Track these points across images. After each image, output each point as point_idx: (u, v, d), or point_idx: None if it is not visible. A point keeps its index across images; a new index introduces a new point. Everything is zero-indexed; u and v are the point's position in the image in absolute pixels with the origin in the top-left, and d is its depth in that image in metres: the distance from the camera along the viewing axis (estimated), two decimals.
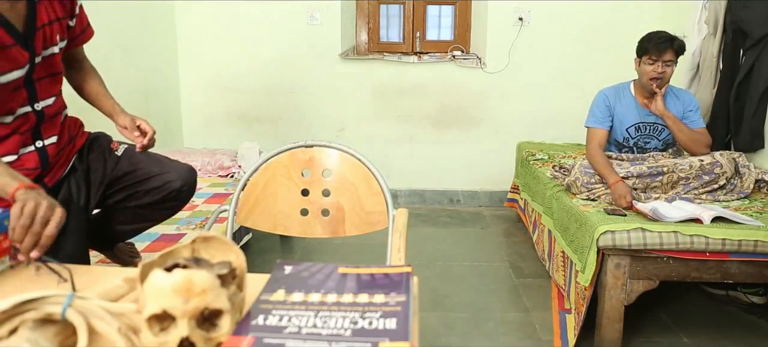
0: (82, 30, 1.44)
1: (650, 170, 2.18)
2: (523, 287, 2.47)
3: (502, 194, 3.64)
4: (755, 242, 1.79)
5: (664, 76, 2.25)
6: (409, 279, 0.72)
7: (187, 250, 0.72)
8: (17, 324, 0.59)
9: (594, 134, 2.37)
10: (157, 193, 1.46)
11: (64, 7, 1.34)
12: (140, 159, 1.48)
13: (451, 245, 3.04)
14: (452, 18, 3.82)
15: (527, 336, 2.05)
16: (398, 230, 1.23)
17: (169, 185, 1.46)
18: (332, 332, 0.59)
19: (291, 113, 3.73)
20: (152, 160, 1.49)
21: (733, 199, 2.17)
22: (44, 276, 0.84)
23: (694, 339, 2.02)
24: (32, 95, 1.28)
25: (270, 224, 1.42)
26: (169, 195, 1.48)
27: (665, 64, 2.23)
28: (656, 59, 2.23)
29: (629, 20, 3.46)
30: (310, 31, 3.58)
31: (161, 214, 1.55)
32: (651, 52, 2.24)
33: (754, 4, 2.39)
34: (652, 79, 2.26)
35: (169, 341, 0.57)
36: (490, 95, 3.65)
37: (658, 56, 2.23)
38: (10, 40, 1.17)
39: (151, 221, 1.57)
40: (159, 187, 1.46)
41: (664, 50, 2.22)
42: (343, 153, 1.42)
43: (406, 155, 3.76)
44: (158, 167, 1.48)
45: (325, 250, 2.91)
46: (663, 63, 2.23)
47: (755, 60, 2.40)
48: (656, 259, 1.85)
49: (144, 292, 0.59)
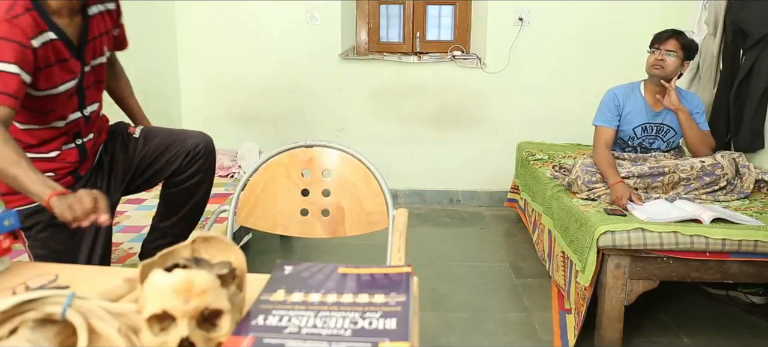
0: (123, 38, 1.62)
1: (651, 170, 2.18)
2: (523, 287, 2.47)
3: (502, 194, 3.64)
4: (755, 242, 1.78)
5: (665, 65, 2.25)
6: (409, 279, 0.72)
7: (187, 250, 0.72)
8: (17, 324, 0.59)
9: (601, 133, 2.37)
10: (177, 159, 1.59)
11: (112, 19, 1.49)
12: (157, 132, 1.62)
13: (451, 245, 3.03)
14: (452, 18, 3.82)
15: (527, 336, 2.05)
16: (398, 230, 1.23)
17: (186, 145, 1.60)
18: (332, 332, 0.59)
19: (291, 113, 3.73)
20: (167, 131, 1.64)
21: (733, 199, 2.17)
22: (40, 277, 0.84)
23: (694, 340, 2.02)
24: (81, 102, 1.43)
25: (270, 225, 1.42)
26: (190, 156, 1.60)
27: (666, 53, 2.24)
28: (658, 48, 2.26)
29: (629, 20, 3.46)
30: (310, 31, 3.58)
31: (191, 184, 1.64)
32: (654, 42, 2.30)
33: (754, 4, 2.39)
34: (652, 66, 2.28)
35: (169, 341, 0.57)
36: (490, 95, 3.64)
37: (659, 45, 2.26)
38: (68, 54, 1.32)
39: (187, 199, 1.66)
40: (178, 152, 1.59)
41: (665, 39, 2.25)
42: (343, 153, 1.42)
43: (406, 155, 3.76)
44: (174, 135, 1.62)
45: (325, 250, 2.91)
46: (664, 51, 2.24)
47: (755, 60, 2.40)
48: (656, 259, 1.85)
49: (144, 292, 0.59)
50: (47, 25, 1.26)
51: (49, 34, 1.27)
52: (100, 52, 1.45)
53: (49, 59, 1.27)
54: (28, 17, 1.22)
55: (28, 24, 1.22)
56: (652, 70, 2.30)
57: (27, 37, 1.21)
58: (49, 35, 1.27)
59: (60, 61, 1.30)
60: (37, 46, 1.23)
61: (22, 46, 1.20)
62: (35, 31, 1.23)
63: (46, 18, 1.27)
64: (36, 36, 1.24)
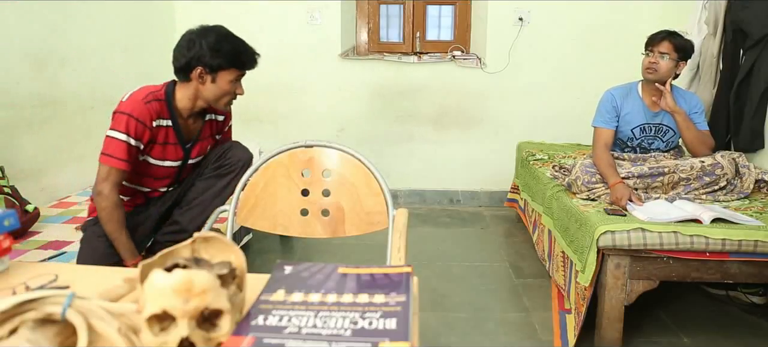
0: (224, 134, 1.96)
1: (651, 170, 2.18)
2: (523, 287, 2.47)
3: (502, 194, 3.64)
4: (755, 242, 1.78)
5: (658, 68, 2.25)
6: (409, 279, 0.72)
7: (187, 250, 0.72)
8: (17, 324, 0.59)
9: (600, 134, 2.37)
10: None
11: (223, 123, 1.91)
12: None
13: (451, 245, 3.03)
14: (452, 18, 3.82)
15: (527, 336, 2.05)
16: (398, 230, 1.23)
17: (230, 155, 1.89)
18: (332, 332, 0.59)
19: (291, 112, 3.73)
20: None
21: (733, 199, 2.17)
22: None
23: (694, 339, 2.02)
24: (176, 180, 1.83)
25: (270, 225, 1.42)
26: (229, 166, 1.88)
27: (660, 56, 2.24)
28: (651, 50, 2.27)
29: (629, 20, 3.46)
30: (310, 31, 3.58)
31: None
32: (648, 44, 2.31)
33: (754, 4, 2.39)
34: (646, 69, 2.29)
35: (169, 341, 0.57)
36: (490, 95, 3.64)
37: (653, 47, 2.27)
38: (175, 140, 1.72)
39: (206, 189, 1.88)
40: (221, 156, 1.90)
41: (658, 41, 2.26)
42: (343, 153, 1.42)
43: (406, 155, 3.76)
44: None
45: (325, 250, 2.91)
46: (658, 54, 2.24)
47: (755, 60, 2.40)
48: (656, 259, 1.85)
49: (144, 292, 0.58)
50: (169, 115, 1.68)
51: (167, 121, 1.68)
52: (203, 151, 1.84)
53: (163, 139, 1.69)
54: (157, 105, 1.64)
55: (154, 109, 1.63)
56: (645, 74, 2.30)
57: (150, 119, 1.62)
58: (166, 122, 1.68)
59: (169, 143, 1.71)
60: (154, 126, 1.64)
61: (144, 124, 1.60)
62: (157, 115, 1.64)
63: (170, 110, 1.68)
64: (157, 119, 1.64)
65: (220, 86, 1.67)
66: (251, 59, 1.70)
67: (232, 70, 1.66)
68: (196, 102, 1.70)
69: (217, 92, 1.67)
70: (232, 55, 1.64)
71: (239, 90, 1.73)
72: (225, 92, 1.69)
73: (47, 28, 2.48)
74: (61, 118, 2.57)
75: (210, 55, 1.60)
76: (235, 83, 1.70)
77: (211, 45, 1.60)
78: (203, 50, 1.60)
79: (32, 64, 2.41)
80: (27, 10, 2.36)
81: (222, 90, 1.68)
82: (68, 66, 2.61)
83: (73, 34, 2.64)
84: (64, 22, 2.58)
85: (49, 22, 2.49)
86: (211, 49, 1.60)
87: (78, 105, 2.68)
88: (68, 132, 2.63)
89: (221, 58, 1.62)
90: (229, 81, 1.67)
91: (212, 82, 1.66)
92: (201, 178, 1.84)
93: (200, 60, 1.61)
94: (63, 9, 2.57)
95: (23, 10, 2.34)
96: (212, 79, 1.65)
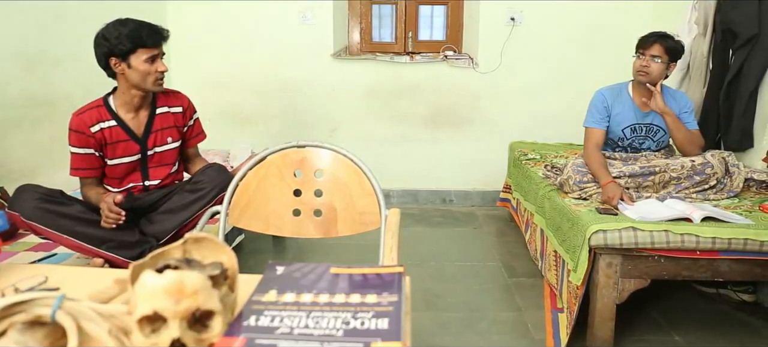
0: (194, 135, 2.08)
1: (642, 170, 2.19)
2: (515, 286, 2.48)
3: (494, 194, 3.65)
4: (745, 241, 1.80)
5: (650, 71, 2.27)
6: (401, 279, 0.72)
7: (179, 251, 0.71)
8: (6, 327, 0.58)
9: (591, 134, 2.39)
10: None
11: (184, 116, 2.01)
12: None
13: (443, 245, 3.04)
14: (444, 18, 3.83)
15: (520, 336, 2.05)
16: (390, 230, 1.23)
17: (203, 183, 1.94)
18: (324, 332, 0.59)
19: (283, 113, 3.72)
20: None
21: (723, 198, 2.19)
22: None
23: (685, 337, 2.04)
24: (145, 176, 1.94)
25: (262, 225, 1.42)
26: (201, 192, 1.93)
27: (651, 59, 2.26)
28: (643, 53, 2.28)
29: (620, 21, 3.49)
30: (303, 31, 3.58)
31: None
32: (639, 47, 2.32)
33: (743, 4, 2.41)
34: (638, 71, 2.30)
35: (160, 342, 0.57)
36: (483, 95, 3.65)
37: (644, 50, 2.29)
38: (126, 136, 1.85)
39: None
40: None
41: (649, 44, 2.27)
42: (336, 153, 1.42)
43: (399, 155, 3.76)
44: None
45: (318, 250, 2.91)
46: (649, 57, 2.26)
47: (744, 60, 2.42)
48: (647, 258, 1.86)
49: (135, 293, 0.58)
50: (111, 116, 1.82)
51: (109, 122, 1.81)
52: (163, 140, 1.93)
53: (112, 139, 1.82)
54: (93, 112, 1.80)
55: (91, 116, 1.79)
56: (637, 77, 2.32)
57: (87, 127, 1.78)
58: (108, 123, 1.81)
59: (120, 141, 1.84)
60: (93, 132, 1.79)
61: (83, 133, 1.78)
62: (95, 121, 1.79)
63: (110, 110, 1.83)
64: (94, 124, 1.79)
65: (138, 69, 1.76)
66: (151, 35, 1.78)
67: (139, 50, 1.76)
68: (130, 91, 1.82)
69: (137, 75, 1.77)
70: (132, 36, 1.74)
71: (160, 67, 1.81)
72: (145, 72, 1.78)
73: (38, 27, 2.46)
74: (53, 118, 2.55)
75: (115, 44, 1.72)
76: (152, 62, 1.79)
77: (113, 35, 1.72)
78: (109, 42, 1.73)
79: (23, 64, 2.39)
80: (18, 10, 2.35)
81: (141, 71, 1.77)
82: (60, 66, 2.59)
83: (65, 34, 2.62)
84: (55, 22, 2.56)
85: (41, 21, 2.48)
86: (114, 39, 1.72)
87: (69, 106, 2.62)
88: (59, 133, 2.59)
89: (124, 43, 1.73)
90: (142, 61, 1.76)
91: (129, 68, 1.76)
92: (177, 191, 1.92)
93: (111, 52, 1.74)
94: (54, 9, 2.55)
95: (14, 9, 2.33)
96: (128, 65, 1.76)
